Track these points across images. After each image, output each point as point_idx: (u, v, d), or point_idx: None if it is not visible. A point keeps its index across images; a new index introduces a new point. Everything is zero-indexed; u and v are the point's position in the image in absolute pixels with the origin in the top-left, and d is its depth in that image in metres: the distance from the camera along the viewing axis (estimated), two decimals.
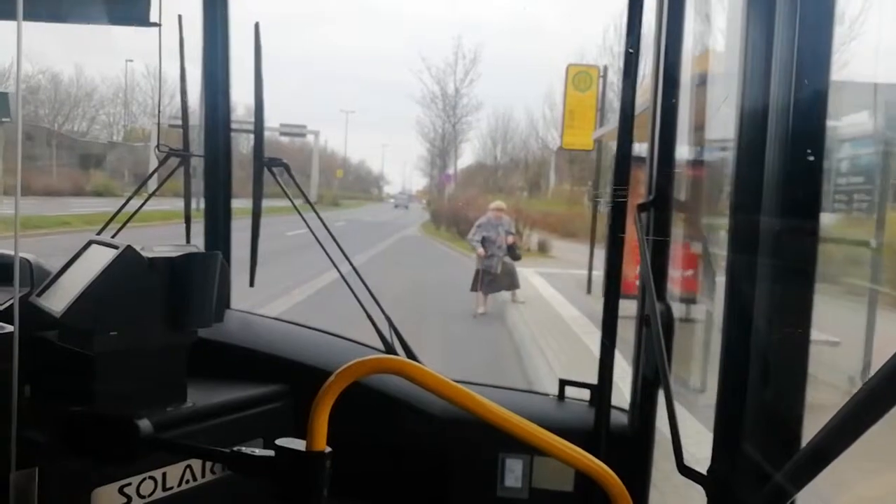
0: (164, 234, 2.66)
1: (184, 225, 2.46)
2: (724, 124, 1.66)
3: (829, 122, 1.42)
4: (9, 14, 1.38)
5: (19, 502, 1.50)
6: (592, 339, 9.42)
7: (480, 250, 12.96)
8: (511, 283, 13.31)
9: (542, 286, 16.12)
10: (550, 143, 45.56)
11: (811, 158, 1.43)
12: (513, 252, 13.19)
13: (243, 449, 1.43)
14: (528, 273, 14.86)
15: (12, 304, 1.80)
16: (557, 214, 34.62)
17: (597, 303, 2.24)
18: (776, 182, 1.46)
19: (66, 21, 2.18)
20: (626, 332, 2.05)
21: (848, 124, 6.18)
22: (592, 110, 17.30)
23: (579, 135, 17.01)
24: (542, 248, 25.09)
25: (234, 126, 2.56)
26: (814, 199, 1.47)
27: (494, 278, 12.89)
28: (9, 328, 1.42)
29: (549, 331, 11.05)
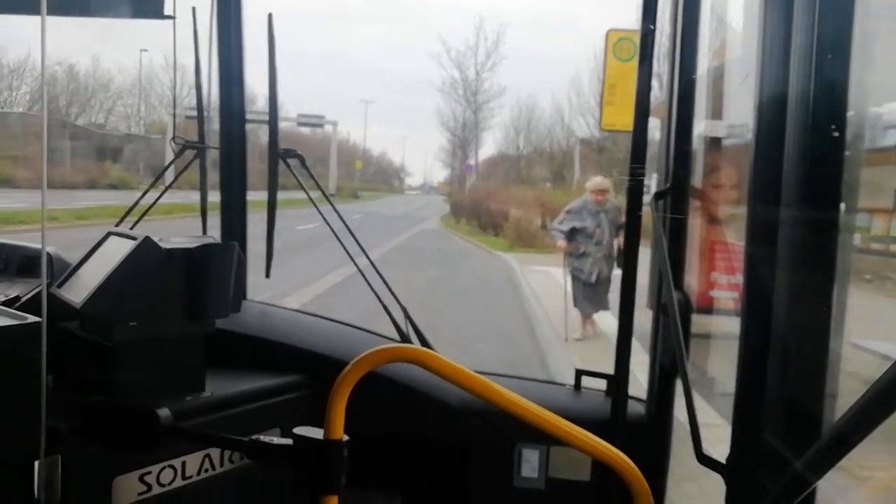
0: (183, 226, 2.66)
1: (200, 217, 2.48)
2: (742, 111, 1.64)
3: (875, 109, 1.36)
4: (32, 9, 1.40)
5: (44, 488, 1.53)
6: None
7: (561, 242, 9.44)
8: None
9: None
10: (577, 130, 44.58)
11: (832, 146, 1.40)
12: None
13: (262, 438, 1.45)
14: (561, 274, 10.40)
15: (37, 295, 1.83)
16: None
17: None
18: (795, 170, 1.43)
19: (82, 15, 2.20)
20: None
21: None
22: None
23: (622, 112, 13.47)
24: None
25: (249, 117, 2.57)
26: (835, 188, 1.44)
27: (590, 289, 9.17)
28: (36, 318, 1.43)
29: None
